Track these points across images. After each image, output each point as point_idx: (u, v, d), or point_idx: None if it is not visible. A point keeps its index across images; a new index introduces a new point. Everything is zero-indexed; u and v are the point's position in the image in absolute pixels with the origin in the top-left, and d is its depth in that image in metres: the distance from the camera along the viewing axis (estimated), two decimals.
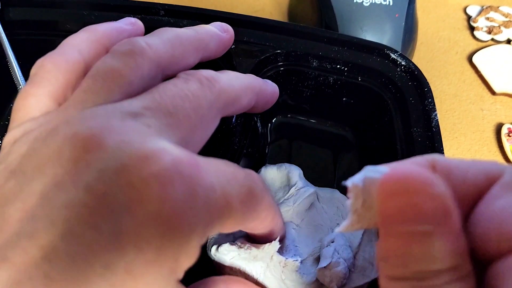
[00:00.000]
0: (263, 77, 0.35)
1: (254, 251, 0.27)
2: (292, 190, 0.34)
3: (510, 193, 0.13)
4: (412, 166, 0.13)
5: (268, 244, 0.27)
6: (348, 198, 0.14)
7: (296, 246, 0.31)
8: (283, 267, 0.28)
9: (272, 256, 0.28)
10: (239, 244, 0.27)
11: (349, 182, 0.14)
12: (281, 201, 0.33)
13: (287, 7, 0.53)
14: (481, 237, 0.13)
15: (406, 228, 0.12)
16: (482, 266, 0.13)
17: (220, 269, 0.30)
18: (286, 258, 0.28)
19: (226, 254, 0.28)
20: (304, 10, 0.48)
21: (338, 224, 0.32)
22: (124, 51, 0.19)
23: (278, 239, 0.27)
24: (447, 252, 0.12)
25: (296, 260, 0.28)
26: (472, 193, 0.14)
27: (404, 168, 0.12)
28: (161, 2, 0.35)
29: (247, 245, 0.27)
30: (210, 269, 0.29)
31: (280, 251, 0.30)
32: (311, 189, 0.33)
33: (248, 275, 0.30)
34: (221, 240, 0.29)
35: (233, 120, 0.30)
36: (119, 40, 0.21)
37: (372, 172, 0.13)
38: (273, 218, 0.23)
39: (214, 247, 0.28)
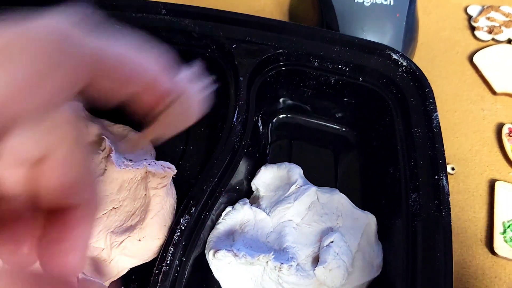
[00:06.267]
0: (264, 77, 0.35)
1: (249, 259, 0.28)
2: (293, 187, 0.34)
3: None
4: None
5: (262, 255, 0.28)
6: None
7: (294, 246, 0.31)
8: (279, 271, 0.28)
9: (267, 262, 0.28)
10: (234, 251, 0.28)
11: None
12: (281, 198, 0.33)
13: (288, 7, 0.53)
14: None
15: None
16: None
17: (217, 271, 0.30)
18: (281, 263, 0.28)
19: (223, 260, 0.28)
20: (305, 10, 0.48)
21: (338, 223, 0.32)
22: None
23: (272, 253, 0.28)
24: None
25: (291, 266, 0.28)
26: None
27: None
28: (163, 1, 0.35)
29: (242, 253, 0.28)
30: (208, 270, 0.30)
31: (278, 252, 0.30)
32: (312, 187, 0.33)
33: (248, 277, 0.30)
34: (218, 245, 0.29)
35: (234, 119, 0.30)
36: None
37: None
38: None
39: (211, 252, 0.29)
